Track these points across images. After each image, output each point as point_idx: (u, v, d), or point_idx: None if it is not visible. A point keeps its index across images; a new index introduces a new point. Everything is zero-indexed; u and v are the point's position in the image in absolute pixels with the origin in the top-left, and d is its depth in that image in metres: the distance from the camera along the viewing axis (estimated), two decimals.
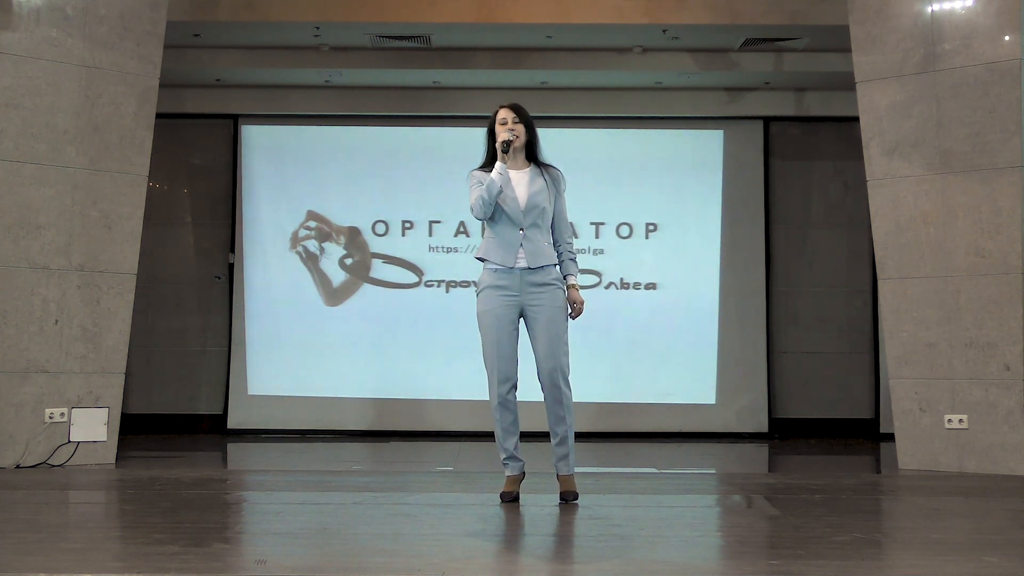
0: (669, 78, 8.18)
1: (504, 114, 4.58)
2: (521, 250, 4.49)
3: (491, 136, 4.61)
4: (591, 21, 7.33)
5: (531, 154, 4.62)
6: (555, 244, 4.60)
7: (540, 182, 4.55)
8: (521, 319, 4.53)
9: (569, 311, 4.56)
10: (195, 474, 5.75)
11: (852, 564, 3.26)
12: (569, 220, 4.73)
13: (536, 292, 4.49)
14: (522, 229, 4.50)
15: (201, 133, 8.82)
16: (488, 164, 4.60)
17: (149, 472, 5.82)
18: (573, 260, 4.64)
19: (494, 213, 4.50)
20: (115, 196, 6.11)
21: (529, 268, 4.48)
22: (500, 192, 4.46)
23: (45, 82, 5.92)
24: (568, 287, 4.57)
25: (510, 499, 4.51)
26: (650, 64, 7.97)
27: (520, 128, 4.56)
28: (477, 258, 4.60)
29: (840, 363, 8.67)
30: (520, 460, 4.57)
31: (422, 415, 8.50)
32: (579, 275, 4.72)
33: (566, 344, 4.52)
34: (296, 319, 8.57)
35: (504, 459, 4.56)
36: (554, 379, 4.46)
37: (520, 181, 4.54)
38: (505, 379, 4.47)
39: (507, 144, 4.48)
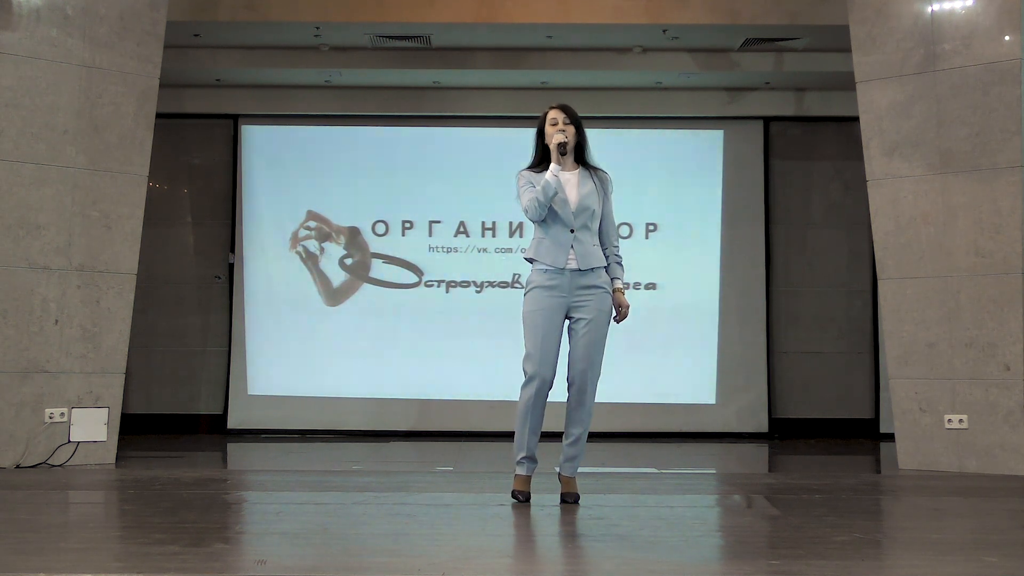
0: (669, 78, 8.18)
1: (554, 114, 4.55)
2: (572, 252, 4.45)
3: (540, 136, 4.57)
4: (591, 21, 7.34)
5: (579, 155, 4.59)
6: (602, 247, 4.57)
7: (590, 184, 4.53)
8: (566, 319, 4.52)
9: (614, 315, 4.55)
10: (195, 474, 5.75)
11: (852, 564, 3.26)
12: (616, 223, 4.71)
13: (584, 295, 4.46)
14: (573, 231, 4.47)
15: (201, 133, 8.82)
16: (537, 164, 4.57)
17: (149, 472, 5.82)
18: (619, 264, 4.60)
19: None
20: (115, 196, 6.11)
21: (579, 270, 4.46)
22: (556, 194, 4.44)
23: (45, 82, 5.92)
24: (614, 290, 4.55)
25: (524, 498, 4.49)
26: (650, 64, 7.97)
27: (571, 129, 4.54)
28: (526, 259, 4.58)
29: (840, 363, 8.67)
30: (535, 462, 4.55)
31: (422, 415, 8.50)
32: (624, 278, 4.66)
33: (603, 351, 4.51)
34: (296, 319, 8.57)
35: (521, 458, 4.52)
36: (584, 381, 4.45)
37: (570, 182, 4.51)
38: (542, 381, 4.44)
39: (564, 146, 4.46)
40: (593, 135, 4.74)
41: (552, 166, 4.45)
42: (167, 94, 7.14)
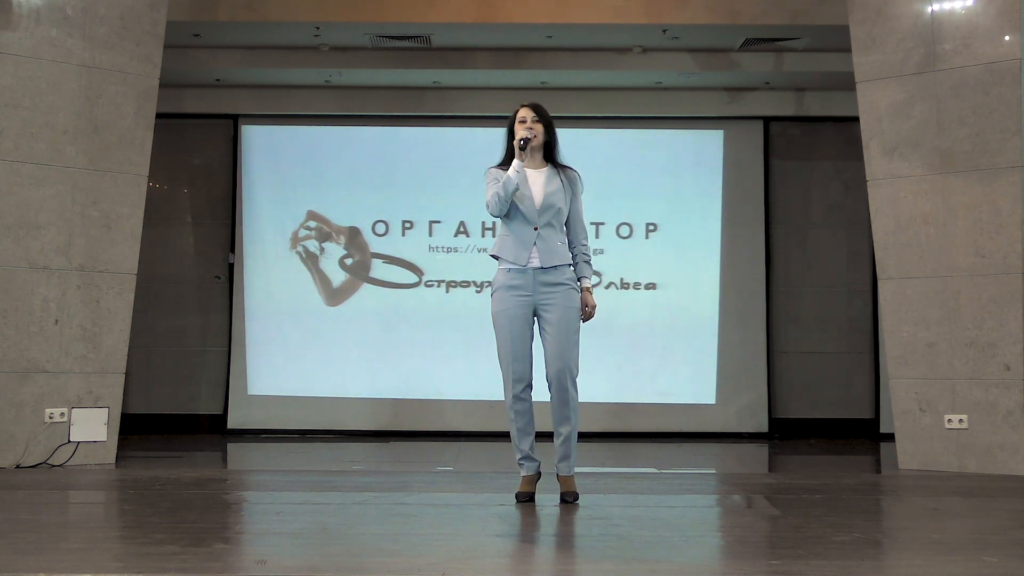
0: (669, 78, 8.18)
1: (524, 112, 4.58)
2: (535, 249, 4.47)
3: (511, 134, 4.59)
4: (591, 21, 7.34)
5: (549, 154, 4.61)
6: (570, 245, 4.59)
7: (557, 182, 4.55)
8: (535, 318, 4.53)
9: (581, 314, 4.56)
10: (195, 474, 5.75)
11: (852, 564, 3.26)
12: (585, 222, 4.72)
13: (549, 292, 4.48)
14: (536, 228, 4.48)
15: (201, 133, 8.82)
16: (506, 162, 4.58)
17: (149, 472, 5.82)
18: (588, 262, 4.62)
19: (509, 211, 4.49)
20: (115, 196, 6.11)
21: (542, 268, 4.47)
22: (516, 190, 4.45)
23: (45, 82, 5.91)
24: (582, 289, 4.56)
25: (526, 499, 4.49)
26: (650, 64, 7.97)
27: (539, 127, 4.55)
28: (491, 255, 4.59)
29: (840, 363, 8.67)
30: (536, 460, 4.56)
31: (422, 415, 8.50)
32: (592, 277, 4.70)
33: (576, 346, 4.51)
34: (296, 319, 8.57)
35: (519, 459, 4.55)
36: (562, 379, 4.45)
37: (536, 180, 4.53)
38: (520, 379, 4.46)
39: (525, 141, 4.48)
40: (593, 135, 4.76)
41: (515, 162, 4.47)
42: (167, 94, 7.14)
